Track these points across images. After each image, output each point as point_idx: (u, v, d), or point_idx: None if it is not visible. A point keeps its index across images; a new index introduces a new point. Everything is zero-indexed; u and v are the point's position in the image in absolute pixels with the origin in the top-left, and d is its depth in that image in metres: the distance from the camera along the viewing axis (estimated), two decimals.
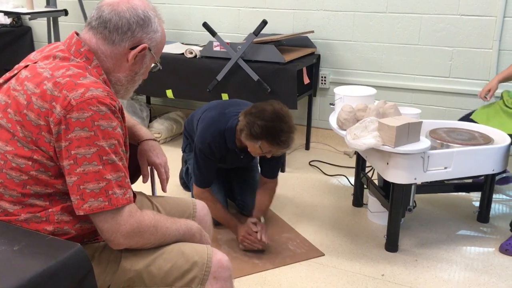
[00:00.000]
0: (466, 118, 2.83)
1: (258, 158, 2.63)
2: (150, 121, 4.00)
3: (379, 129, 2.22)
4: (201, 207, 1.68)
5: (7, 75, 1.36)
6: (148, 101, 4.29)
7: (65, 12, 3.94)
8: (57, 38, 3.97)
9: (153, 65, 1.43)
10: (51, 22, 4.05)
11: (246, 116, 2.20)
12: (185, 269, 1.33)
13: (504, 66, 3.15)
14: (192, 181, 2.48)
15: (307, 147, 3.71)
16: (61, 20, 4.11)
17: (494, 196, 2.66)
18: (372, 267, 2.29)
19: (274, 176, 2.54)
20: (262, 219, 2.50)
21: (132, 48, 1.33)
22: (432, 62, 3.35)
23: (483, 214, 2.66)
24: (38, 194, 1.26)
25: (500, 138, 2.47)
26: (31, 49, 4.68)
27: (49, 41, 4.22)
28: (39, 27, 4.60)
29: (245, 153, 2.36)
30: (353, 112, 2.42)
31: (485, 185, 2.60)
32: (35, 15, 3.83)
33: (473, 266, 2.29)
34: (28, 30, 4.62)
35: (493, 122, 2.67)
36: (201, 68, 3.34)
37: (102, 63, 1.33)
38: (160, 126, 3.80)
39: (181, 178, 2.99)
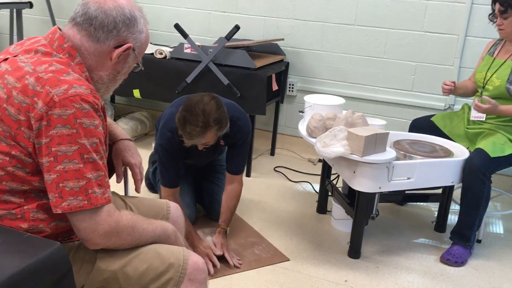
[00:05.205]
0: (424, 119, 2.87)
1: (225, 155, 2.63)
2: (114, 120, 3.94)
3: (347, 138, 2.28)
4: (175, 209, 1.68)
5: None
6: (112, 100, 4.22)
7: (30, 5, 3.82)
8: (20, 31, 3.85)
9: (135, 65, 1.43)
10: (15, 13, 3.92)
11: None
12: (160, 270, 1.33)
13: None
14: (159, 183, 2.47)
15: (272, 153, 3.75)
16: (25, 12, 3.99)
17: (451, 207, 2.77)
18: (336, 272, 2.34)
19: (238, 172, 2.52)
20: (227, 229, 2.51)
21: (117, 47, 1.32)
22: (396, 75, 3.46)
23: (440, 224, 2.77)
24: (14, 190, 1.23)
25: (459, 152, 2.58)
26: None
27: (11, 34, 4.08)
28: (1, 18, 4.45)
29: (205, 146, 2.33)
30: (322, 120, 2.47)
31: (443, 196, 2.71)
32: None
33: (431, 274, 2.38)
34: None
35: (456, 127, 2.74)
36: (170, 69, 3.32)
37: (85, 60, 1.31)
38: (124, 126, 3.75)
39: (147, 178, 2.96)
